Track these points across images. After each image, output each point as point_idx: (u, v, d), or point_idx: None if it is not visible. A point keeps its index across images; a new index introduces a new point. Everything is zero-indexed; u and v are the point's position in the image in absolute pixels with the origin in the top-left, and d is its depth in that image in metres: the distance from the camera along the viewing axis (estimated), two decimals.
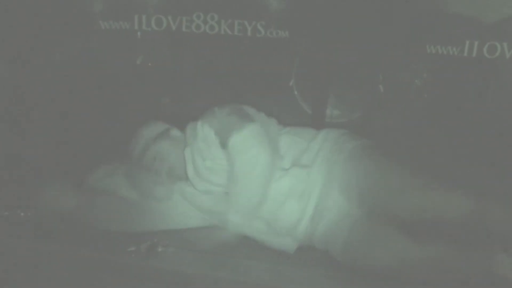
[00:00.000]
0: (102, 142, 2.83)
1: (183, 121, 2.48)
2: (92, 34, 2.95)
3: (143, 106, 3.05)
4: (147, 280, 2.19)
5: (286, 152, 2.38)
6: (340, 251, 2.17)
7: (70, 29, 2.98)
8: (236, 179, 2.23)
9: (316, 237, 2.26)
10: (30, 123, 2.94)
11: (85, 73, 3.02)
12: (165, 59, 3.06)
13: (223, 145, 2.28)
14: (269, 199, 2.25)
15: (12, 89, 2.99)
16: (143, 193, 2.38)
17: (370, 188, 2.19)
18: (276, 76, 3.22)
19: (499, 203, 2.07)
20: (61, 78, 3.03)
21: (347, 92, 3.31)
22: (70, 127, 2.95)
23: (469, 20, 3.05)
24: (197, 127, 2.35)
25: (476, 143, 2.91)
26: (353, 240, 2.14)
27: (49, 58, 3.04)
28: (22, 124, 2.92)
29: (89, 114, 2.98)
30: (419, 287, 2.03)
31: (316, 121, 3.22)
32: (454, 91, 3.02)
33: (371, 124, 3.19)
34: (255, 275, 2.14)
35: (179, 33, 2.90)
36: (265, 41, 2.98)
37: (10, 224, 2.34)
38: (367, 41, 3.08)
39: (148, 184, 2.37)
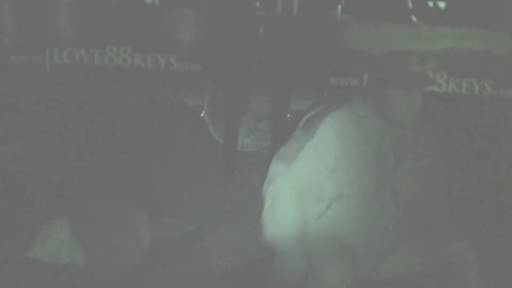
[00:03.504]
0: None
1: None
2: (1, 68, 2.89)
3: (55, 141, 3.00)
4: None
5: None
6: None
7: None
8: None
9: None
10: None
11: None
12: (76, 92, 3.04)
13: None
14: None
15: None
16: None
17: None
18: (188, 107, 3.29)
19: None
20: None
21: (257, 122, 3.44)
22: None
23: (365, 54, 3.29)
24: None
25: None
26: None
27: None
28: None
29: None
30: None
31: (228, 150, 3.31)
32: None
33: None
34: None
35: (92, 66, 2.91)
36: (178, 74, 3.05)
37: None
38: (275, 74, 3.23)
39: None
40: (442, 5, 4.07)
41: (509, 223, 2.85)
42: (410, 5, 3.93)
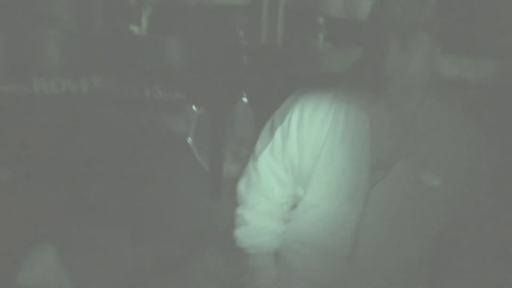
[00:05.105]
0: None
1: None
2: None
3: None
4: None
5: None
6: None
7: None
8: None
9: None
10: None
11: None
12: (64, 121, 3.10)
13: None
14: None
15: None
16: None
17: None
18: (174, 135, 3.34)
19: None
20: None
21: (243, 148, 3.50)
22: None
23: None
24: None
25: None
26: None
27: None
28: None
29: None
30: None
31: (213, 177, 3.36)
32: None
33: None
34: None
35: (79, 95, 2.98)
36: (163, 103, 3.13)
37: None
38: (260, 100, 3.31)
39: None
40: None
41: None
42: None
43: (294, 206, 1.76)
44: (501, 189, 1.60)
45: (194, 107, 3.53)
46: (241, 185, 1.83)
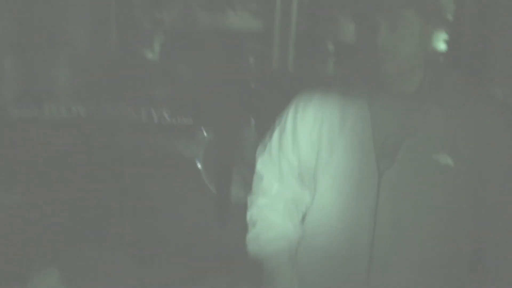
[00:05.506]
0: None
1: None
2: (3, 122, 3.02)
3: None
4: None
5: None
6: None
7: None
8: None
9: None
10: None
11: None
12: (73, 144, 3.15)
13: None
14: None
15: None
16: None
17: None
18: (183, 159, 3.38)
19: None
20: None
21: (251, 174, 3.51)
22: None
23: None
24: None
25: None
26: None
27: None
28: None
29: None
30: None
31: (221, 201, 3.37)
32: None
33: None
34: None
35: (89, 120, 3.03)
36: (171, 127, 3.17)
37: None
38: (268, 124, 3.33)
39: None
40: None
41: None
42: None
43: (304, 216, 1.65)
44: None
45: (204, 132, 3.57)
46: (250, 194, 1.78)
